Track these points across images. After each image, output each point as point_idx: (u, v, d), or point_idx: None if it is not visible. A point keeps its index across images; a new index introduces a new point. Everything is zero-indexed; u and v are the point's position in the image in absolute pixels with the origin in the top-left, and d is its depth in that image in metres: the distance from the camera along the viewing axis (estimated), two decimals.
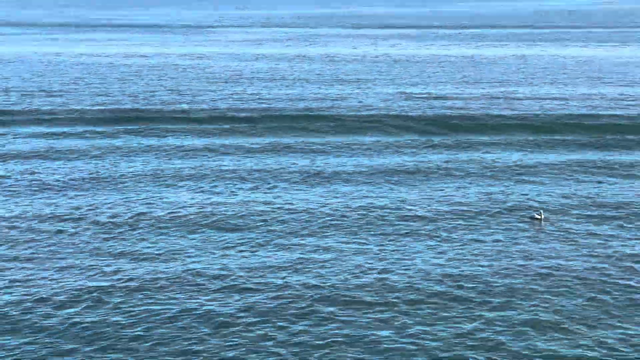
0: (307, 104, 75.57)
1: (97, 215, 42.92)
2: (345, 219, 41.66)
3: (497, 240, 37.91)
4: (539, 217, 39.86)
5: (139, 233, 40.08)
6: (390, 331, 28.64)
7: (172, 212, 43.21)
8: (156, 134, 64.24)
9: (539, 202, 43.76)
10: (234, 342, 28.10)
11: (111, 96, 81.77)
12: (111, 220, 42.03)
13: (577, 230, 39.48)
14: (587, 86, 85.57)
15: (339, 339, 28.18)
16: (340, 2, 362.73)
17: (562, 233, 39.00)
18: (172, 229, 40.52)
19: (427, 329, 28.80)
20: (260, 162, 54.90)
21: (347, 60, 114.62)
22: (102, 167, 53.83)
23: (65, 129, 66.34)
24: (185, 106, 75.70)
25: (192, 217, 42.54)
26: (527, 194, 45.78)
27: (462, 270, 34.11)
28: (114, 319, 30.06)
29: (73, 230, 40.53)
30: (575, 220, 41.02)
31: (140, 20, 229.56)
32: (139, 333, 28.89)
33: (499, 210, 42.71)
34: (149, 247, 37.91)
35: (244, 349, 27.46)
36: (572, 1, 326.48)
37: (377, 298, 31.56)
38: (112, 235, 39.67)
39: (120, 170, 52.92)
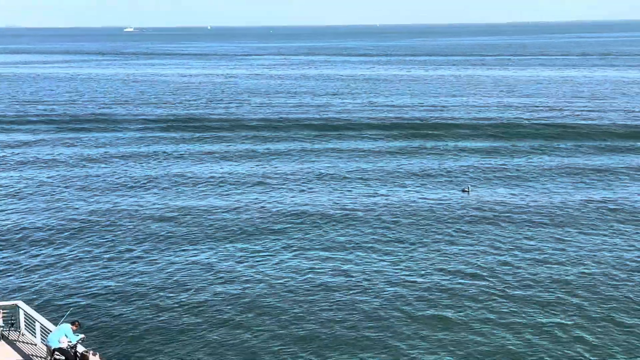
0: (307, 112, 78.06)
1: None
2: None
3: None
4: (467, 190, 43.33)
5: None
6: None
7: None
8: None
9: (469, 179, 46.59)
10: None
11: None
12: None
13: (489, 197, 42.44)
14: (500, 97, 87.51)
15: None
16: (332, 37, 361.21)
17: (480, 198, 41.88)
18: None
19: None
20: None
21: (332, 78, 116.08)
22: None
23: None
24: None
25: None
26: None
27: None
28: None
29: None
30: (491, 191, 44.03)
31: (190, 50, 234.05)
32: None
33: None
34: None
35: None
36: (489, 39, 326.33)
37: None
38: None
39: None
